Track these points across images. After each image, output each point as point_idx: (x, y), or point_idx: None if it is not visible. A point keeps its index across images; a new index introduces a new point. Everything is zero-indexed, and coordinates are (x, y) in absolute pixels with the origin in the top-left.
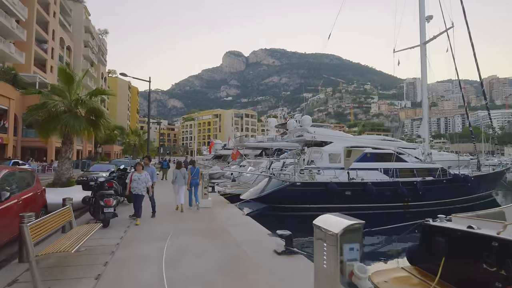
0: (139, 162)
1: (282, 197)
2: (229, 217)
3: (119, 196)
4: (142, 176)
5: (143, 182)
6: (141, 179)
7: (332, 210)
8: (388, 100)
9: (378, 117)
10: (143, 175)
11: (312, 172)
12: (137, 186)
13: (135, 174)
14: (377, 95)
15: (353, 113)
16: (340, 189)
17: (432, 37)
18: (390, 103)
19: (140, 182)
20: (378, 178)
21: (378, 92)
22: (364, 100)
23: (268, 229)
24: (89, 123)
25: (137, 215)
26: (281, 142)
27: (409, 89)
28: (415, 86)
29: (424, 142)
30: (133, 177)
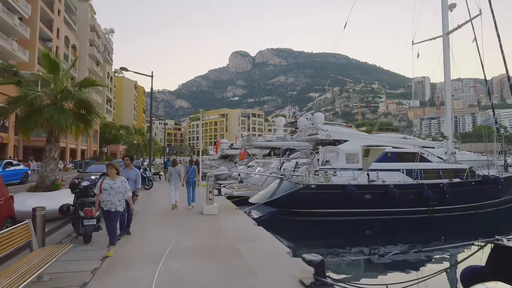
0: (110, 163)
1: (295, 201)
2: (238, 228)
3: None
4: (117, 184)
5: (118, 192)
6: (115, 189)
7: (351, 215)
8: (396, 100)
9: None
10: (119, 182)
11: (327, 173)
12: (110, 198)
13: (107, 181)
14: (385, 94)
15: (360, 112)
16: (359, 192)
17: (457, 26)
18: (398, 103)
19: (113, 193)
20: (401, 180)
21: (386, 91)
22: (371, 99)
23: (284, 242)
24: (77, 118)
25: (111, 241)
26: (291, 142)
27: (418, 88)
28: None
29: (447, 141)
30: (104, 185)
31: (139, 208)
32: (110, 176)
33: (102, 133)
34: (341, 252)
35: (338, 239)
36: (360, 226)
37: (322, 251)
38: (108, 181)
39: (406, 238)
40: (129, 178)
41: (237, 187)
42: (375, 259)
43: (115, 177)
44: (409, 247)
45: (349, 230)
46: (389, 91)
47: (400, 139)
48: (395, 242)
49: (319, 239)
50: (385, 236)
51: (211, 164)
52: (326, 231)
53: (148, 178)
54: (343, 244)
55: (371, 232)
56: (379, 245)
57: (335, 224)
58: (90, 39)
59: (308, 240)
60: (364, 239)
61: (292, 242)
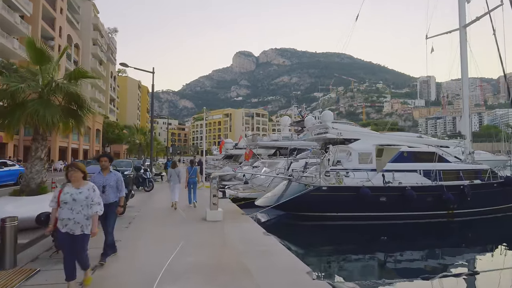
0: (73, 163)
1: (305, 204)
2: (246, 239)
3: None
4: (83, 193)
5: (83, 206)
6: (80, 201)
7: (365, 219)
8: (401, 99)
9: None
10: (86, 191)
11: (339, 174)
12: (72, 216)
13: (68, 189)
14: (389, 94)
15: (365, 112)
16: (374, 194)
17: (475, 18)
18: (403, 102)
19: (78, 207)
20: (418, 182)
21: (391, 91)
22: (376, 99)
23: (293, 248)
24: (67, 113)
25: (83, 265)
26: (298, 141)
27: (423, 87)
28: (429, 84)
29: (465, 139)
30: (63, 196)
31: (135, 213)
32: (73, 183)
33: (105, 133)
34: (354, 259)
35: (351, 245)
36: (374, 231)
37: (334, 258)
38: (70, 189)
39: (424, 244)
40: (107, 185)
41: (242, 188)
42: (391, 266)
43: (81, 183)
44: (428, 254)
45: (363, 236)
46: (393, 90)
47: (415, 138)
48: (413, 248)
49: (331, 245)
50: (402, 242)
51: (215, 164)
52: (338, 236)
53: (148, 179)
54: (356, 250)
55: (387, 237)
56: (395, 252)
57: (348, 229)
58: (93, 38)
59: (319, 246)
60: (379, 245)
61: (302, 248)
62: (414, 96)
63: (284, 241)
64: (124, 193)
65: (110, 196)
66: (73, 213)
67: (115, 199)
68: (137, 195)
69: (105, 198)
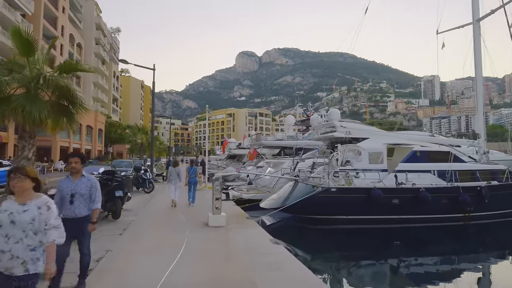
0: (16, 168)
1: (313, 207)
2: (252, 248)
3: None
4: (28, 214)
5: (28, 232)
6: (22, 225)
7: (376, 222)
8: (405, 99)
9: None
10: (34, 209)
11: (349, 175)
12: (7, 247)
13: (5, 206)
14: (393, 94)
15: (369, 112)
16: (386, 196)
17: (490, 11)
18: (407, 102)
19: (17, 233)
20: (433, 183)
21: (395, 90)
22: (380, 98)
23: (300, 253)
24: (57, 109)
25: None
26: (304, 140)
27: (427, 87)
28: (433, 84)
29: (479, 138)
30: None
31: (132, 217)
32: (16, 196)
33: (108, 133)
34: (365, 265)
35: (362, 251)
36: (386, 236)
37: (343, 265)
38: (10, 205)
39: (439, 249)
40: (76, 194)
41: (246, 189)
42: (405, 272)
43: (28, 197)
44: (443, 259)
45: (374, 240)
46: (397, 90)
47: (427, 137)
48: (427, 254)
49: (340, 250)
50: (416, 246)
51: (218, 164)
52: (348, 241)
53: (148, 180)
54: (367, 256)
55: (399, 242)
56: (408, 257)
57: (358, 233)
58: (95, 37)
59: (327, 252)
60: (392, 250)
61: (310, 253)
62: (418, 96)
63: (290, 246)
64: (99, 205)
65: (80, 208)
66: (9, 242)
67: (87, 212)
68: (136, 197)
69: (74, 211)
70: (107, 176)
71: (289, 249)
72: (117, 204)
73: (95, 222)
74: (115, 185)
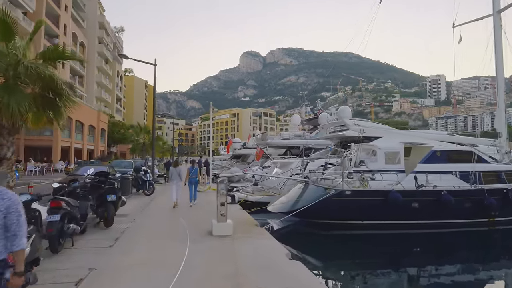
0: None
1: (325, 211)
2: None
3: (69, 228)
4: None
5: None
6: None
7: (394, 227)
8: (410, 98)
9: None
10: None
11: (364, 176)
12: None
13: None
14: (398, 93)
15: (374, 111)
16: (405, 199)
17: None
18: (412, 101)
19: None
20: (455, 185)
21: (400, 90)
22: (385, 98)
23: (312, 261)
24: (40, 102)
25: None
26: (313, 140)
27: (433, 86)
28: (439, 83)
29: (501, 137)
30: None
31: (127, 224)
32: None
33: (111, 132)
34: (382, 273)
35: (379, 258)
36: (405, 242)
37: (359, 273)
38: None
39: (463, 256)
40: None
41: (252, 191)
42: (425, 282)
43: None
44: (467, 267)
45: (393, 247)
46: (402, 90)
47: (446, 136)
48: (450, 261)
49: (355, 257)
50: (437, 253)
51: (222, 164)
52: (364, 248)
53: (149, 181)
54: (385, 264)
55: (419, 249)
56: (429, 265)
57: (375, 240)
58: (99, 36)
59: (341, 259)
60: (412, 258)
61: (322, 261)
62: (424, 95)
63: (300, 253)
64: (23, 245)
65: None
66: None
67: (3, 254)
68: (135, 200)
69: None
70: (100, 178)
71: (297, 255)
72: (109, 209)
73: (22, 274)
74: (107, 189)
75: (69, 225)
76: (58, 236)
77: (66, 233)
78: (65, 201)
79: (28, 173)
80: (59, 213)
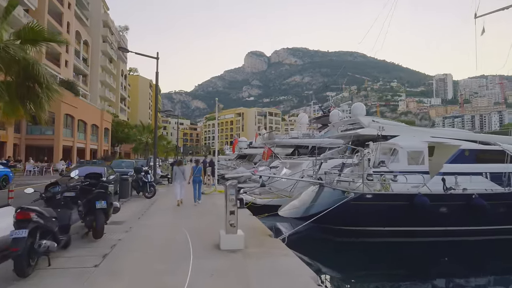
0: None
1: (344, 216)
2: None
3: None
4: None
5: None
6: None
7: (419, 234)
8: (416, 98)
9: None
10: None
11: (385, 178)
12: None
13: None
14: (404, 93)
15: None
16: (432, 204)
17: None
18: (418, 101)
19: None
20: (487, 188)
21: (406, 89)
22: (391, 98)
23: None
24: (17, 91)
25: None
26: (328, 139)
27: (439, 86)
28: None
29: None
30: None
31: (122, 234)
32: None
33: (115, 132)
34: (407, 286)
35: (403, 269)
36: (432, 251)
37: (380, 283)
38: None
39: (496, 267)
40: None
41: (259, 192)
42: None
43: None
44: (500, 280)
45: (418, 257)
46: (408, 89)
47: (470, 134)
48: (481, 273)
49: (377, 268)
50: (467, 264)
51: (228, 164)
52: (386, 257)
53: (149, 183)
54: (410, 275)
55: (448, 259)
56: (459, 277)
57: (398, 248)
58: (103, 35)
59: (361, 270)
60: (440, 269)
61: (339, 271)
62: (430, 95)
63: (315, 262)
64: None
65: None
66: None
67: None
68: (134, 203)
69: None
70: (91, 181)
71: (323, 273)
72: (99, 218)
73: None
74: (96, 193)
75: (41, 242)
76: (27, 256)
77: (37, 251)
78: (37, 211)
79: (26, 173)
80: (28, 227)
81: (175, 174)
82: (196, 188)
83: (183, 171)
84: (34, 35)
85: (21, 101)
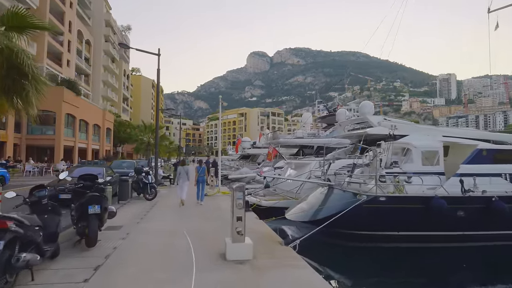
0: None
1: (355, 220)
2: None
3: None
4: None
5: None
6: None
7: (435, 239)
8: (420, 98)
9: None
10: None
11: (399, 179)
12: None
13: None
14: (407, 93)
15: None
16: (450, 207)
17: None
18: (422, 101)
19: None
20: (508, 190)
21: (409, 89)
22: (394, 98)
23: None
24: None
25: None
26: (336, 138)
27: (443, 86)
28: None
29: None
30: None
31: (118, 241)
32: None
33: (117, 132)
34: None
35: (419, 276)
36: (449, 257)
37: None
38: None
39: None
40: None
41: (263, 193)
42: None
43: None
44: None
45: (435, 264)
46: (412, 89)
47: (486, 133)
48: (503, 280)
49: (390, 274)
50: (488, 271)
51: (231, 164)
52: (400, 263)
53: (150, 184)
54: (426, 282)
55: (466, 265)
56: (478, 284)
57: (413, 254)
58: (105, 34)
59: (373, 277)
60: (457, 275)
61: (350, 279)
62: (434, 95)
63: (324, 268)
64: None
65: None
66: None
67: None
68: (134, 206)
69: None
70: (85, 183)
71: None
72: (92, 224)
73: None
74: (89, 197)
75: (20, 255)
76: (2, 272)
77: (15, 267)
78: (15, 219)
79: (26, 174)
80: (4, 239)
81: (179, 174)
82: (200, 188)
83: (187, 171)
84: (19, 21)
85: (6, 94)
